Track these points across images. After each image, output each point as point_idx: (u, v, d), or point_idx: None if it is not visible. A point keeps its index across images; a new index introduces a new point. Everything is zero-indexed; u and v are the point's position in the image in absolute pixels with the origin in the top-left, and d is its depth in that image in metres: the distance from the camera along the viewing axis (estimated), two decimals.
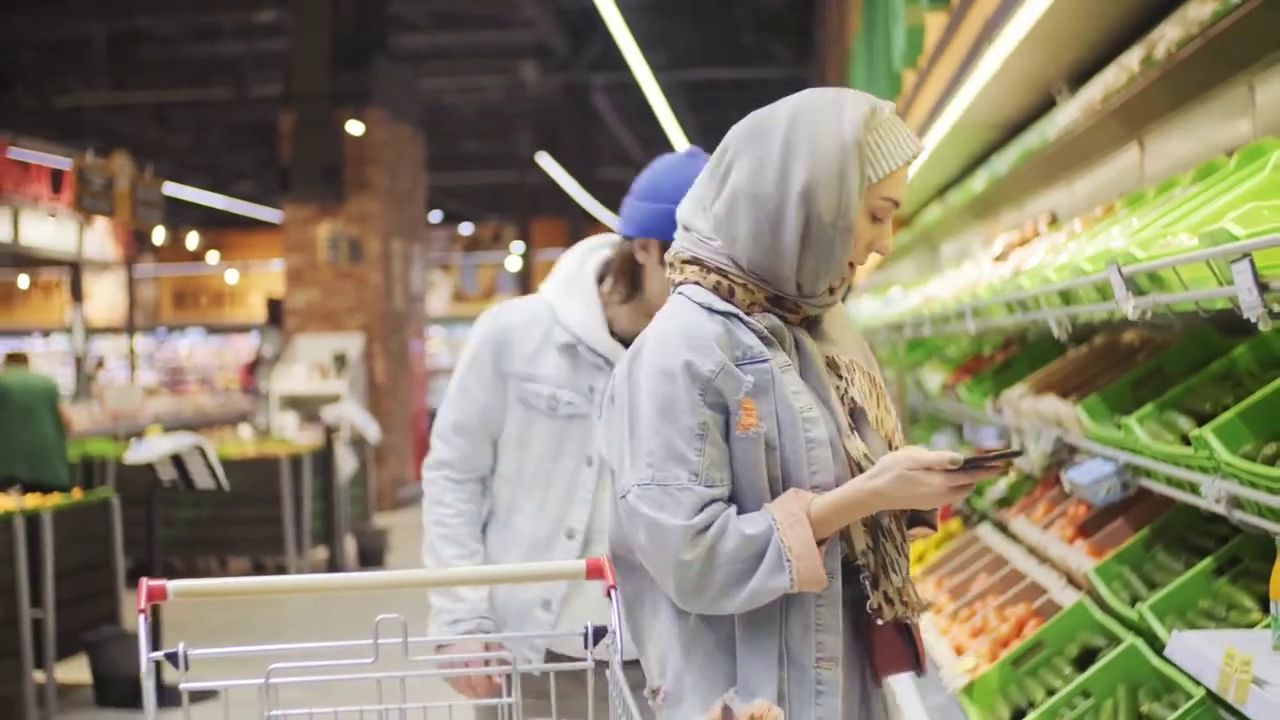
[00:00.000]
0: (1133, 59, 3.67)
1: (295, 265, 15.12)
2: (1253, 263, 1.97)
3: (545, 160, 21.64)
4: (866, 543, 2.04)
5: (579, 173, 23.30)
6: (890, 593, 2.04)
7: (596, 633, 1.93)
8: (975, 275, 4.95)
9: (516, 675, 1.94)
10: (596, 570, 1.98)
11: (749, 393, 1.96)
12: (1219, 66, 3.44)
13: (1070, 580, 3.78)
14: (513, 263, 31.28)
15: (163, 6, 16.96)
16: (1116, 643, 3.14)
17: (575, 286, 2.79)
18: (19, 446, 8.91)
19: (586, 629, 1.94)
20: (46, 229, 14.87)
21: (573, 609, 2.69)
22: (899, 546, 2.07)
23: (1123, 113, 4.10)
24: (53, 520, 6.33)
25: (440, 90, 20.57)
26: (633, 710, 1.74)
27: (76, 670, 6.71)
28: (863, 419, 2.07)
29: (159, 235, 19.12)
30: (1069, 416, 3.61)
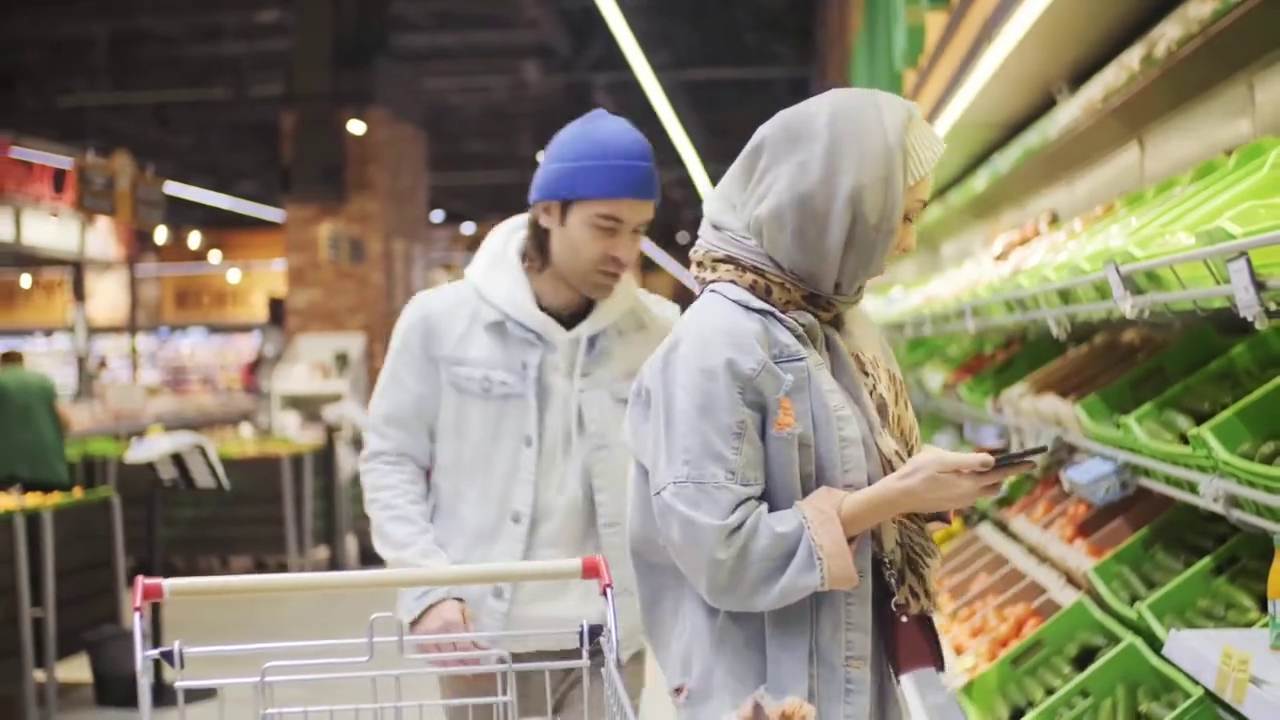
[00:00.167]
0: (1133, 58, 3.67)
1: (297, 265, 15.13)
2: (1249, 261, 1.97)
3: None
4: (896, 538, 2.05)
5: None
6: (916, 587, 2.06)
7: (592, 631, 1.93)
8: (976, 275, 4.95)
9: (512, 674, 1.94)
10: (592, 569, 1.98)
11: (788, 392, 1.97)
12: (1219, 65, 3.43)
13: (1070, 580, 3.78)
14: None
15: (164, 6, 16.96)
16: (1116, 642, 3.14)
17: (499, 264, 2.74)
18: (18, 446, 8.92)
19: (582, 627, 1.94)
20: (49, 228, 14.88)
21: (525, 591, 2.60)
22: (924, 541, 2.09)
23: (1123, 112, 4.09)
24: (53, 519, 6.33)
25: (442, 90, 20.56)
26: (627, 709, 1.74)
27: (77, 669, 6.71)
28: (885, 416, 2.08)
29: (161, 235, 19.13)
30: (1068, 416, 3.60)
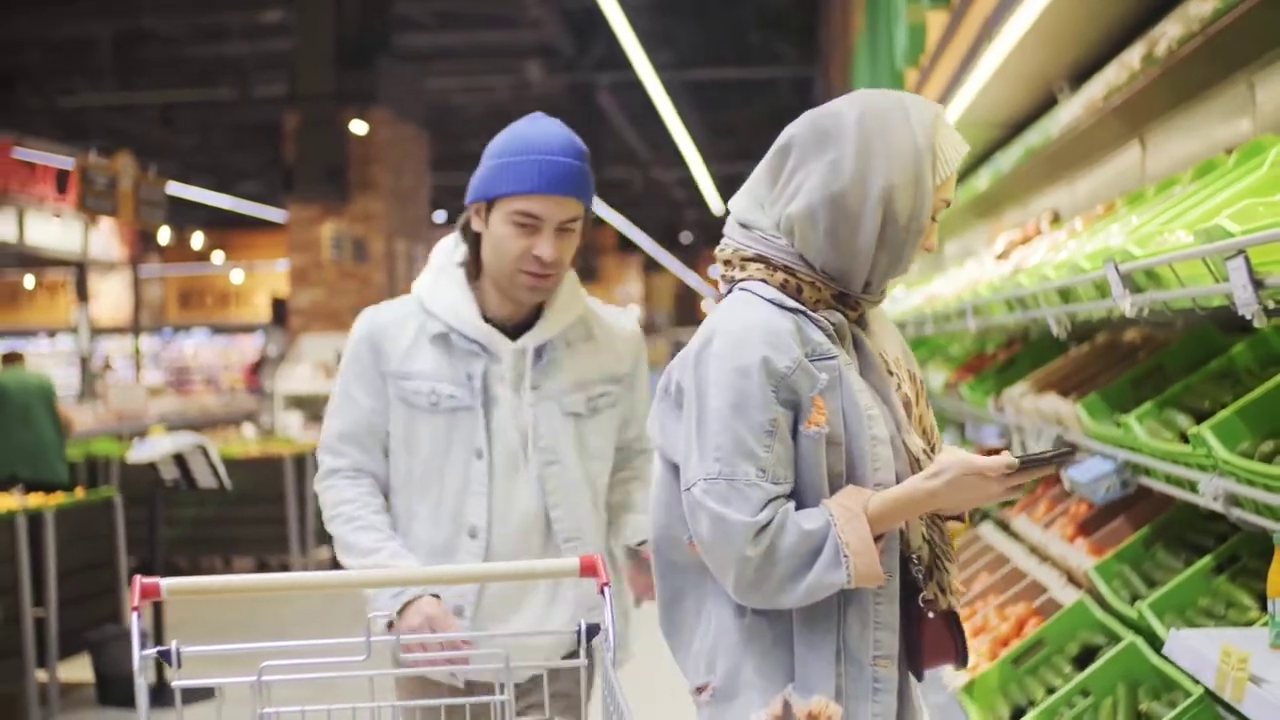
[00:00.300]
0: (1134, 56, 3.67)
1: (299, 265, 15.12)
2: (1248, 259, 1.97)
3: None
4: (922, 535, 2.07)
5: None
6: (943, 583, 2.08)
7: (589, 630, 1.93)
8: (977, 274, 4.95)
9: (509, 673, 1.93)
10: (590, 568, 1.98)
11: (821, 390, 1.98)
12: (1219, 64, 3.43)
13: (1071, 579, 3.78)
14: None
15: (166, 7, 16.97)
16: (1116, 641, 3.14)
17: (443, 274, 2.70)
18: (17, 446, 8.92)
19: (580, 627, 1.93)
20: (52, 229, 14.88)
21: (485, 609, 2.52)
22: (944, 537, 2.11)
23: (1124, 111, 4.09)
24: (55, 519, 6.33)
25: (445, 90, 20.57)
26: (623, 709, 1.74)
27: (79, 669, 6.70)
28: (910, 414, 2.10)
29: (164, 235, 19.14)
30: (1069, 415, 3.60)
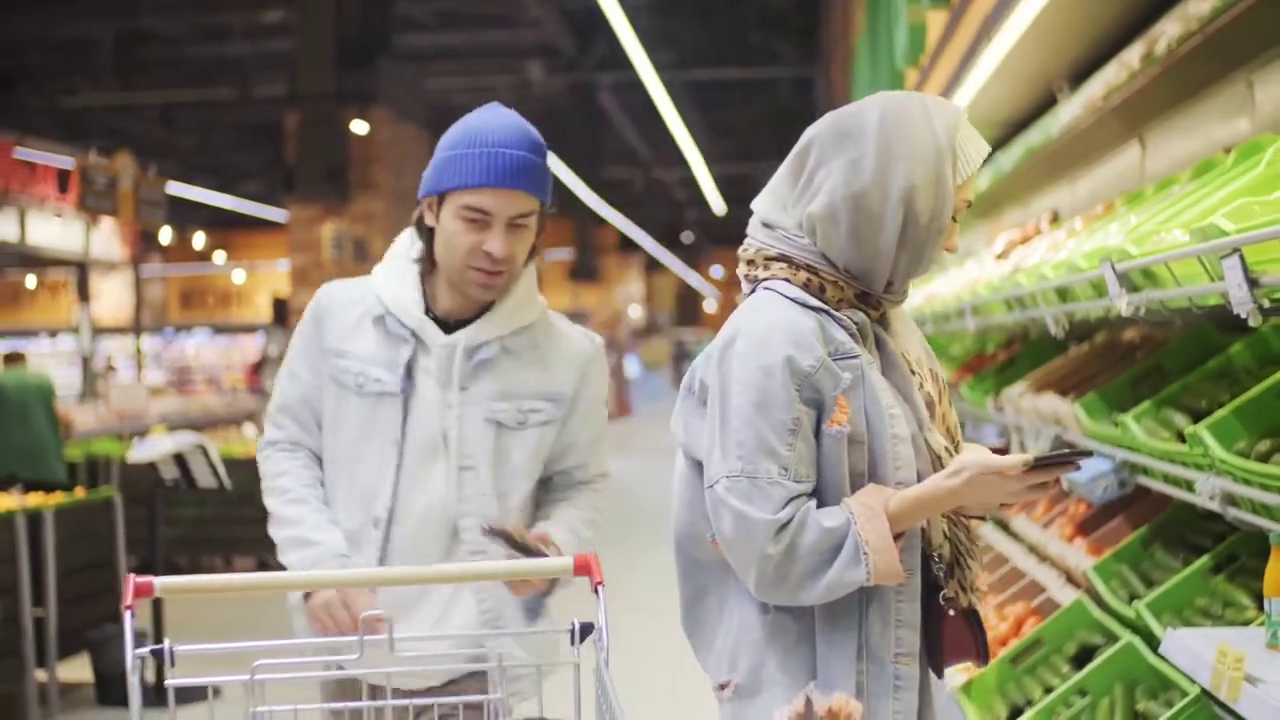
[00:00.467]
0: (1133, 55, 3.66)
1: (300, 265, 15.11)
2: (1243, 258, 1.96)
3: (550, 160, 21.61)
4: (944, 533, 2.08)
5: (585, 172, 23.29)
6: (964, 581, 2.09)
7: (583, 630, 1.92)
8: (976, 273, 4.95)
9: (501, 672, 1.93)
10: (583, 568, 1.98)
11: (844, 389, 1.99)
12: (1218, 63, 3.43)
13: (1069, 578, 3.77)
14: None
15: (168, 7, 16.97)
16: (1114, 641, 3.13)
17: (397, 262, 2.63)
18: (14, 445, 8.91)
19: (573, 626, 1.93)
20: (53, 229, 14.89)
21: (411, 624, 2.46)
22: (967, 539, 2.12)
23: (1124, 110, 4.09)
24: (55, 519, 6.32)
25: (446, 90, 20.57)
26: (616, 710, 1.73)
27: (78, 669, 6.69)
28: (933, 413, 2.10)
29: (165, 235, 19.14)
30: (1068, 414, 3.60)
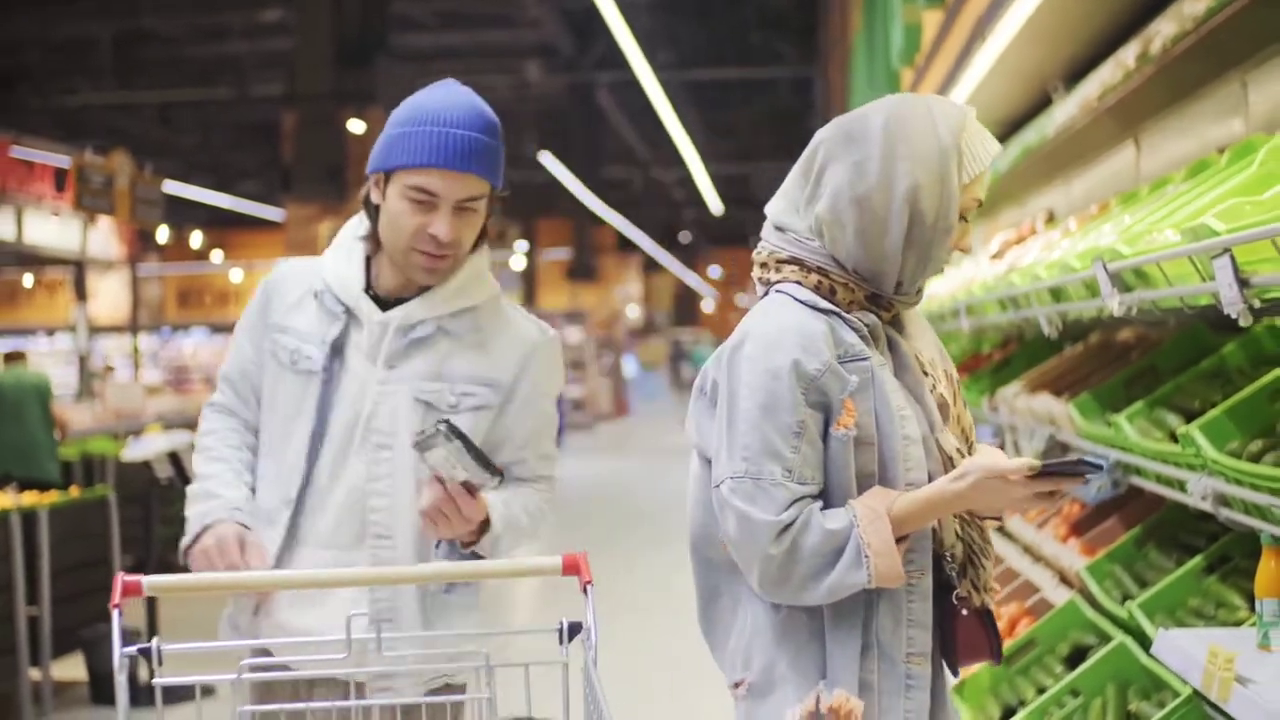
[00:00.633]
0: (1129, 55, 3.66)
1: None
2: (1233, 258, 1.96)
3: (548, 159, 21.64)
4: (956, 533, 2.08)
5: (584, 172, 23.30)
6: (977, 581, 2.10)
7: (571, 629, 1.92)
8: (971, 273, 4.94)
9: (490, 671, 1.92)
10: (572, 567, 1.98)
11: (851, 392, 2.00)
12: (1213, 63, 3.43)
13: (1063, 579, 3.77)
14: (517, 262, 31.26)
15: (167, 7, 16.98)
16: (1107, 641, 3.13)
17: (346, 239, 2.55)
18: (8, 444, 8.90)
19: (561, 625, 1.93)
20: (50, 228, 14.83)
21: (274, 597, 2.38)
22: (981, 539, 2.12)
23: (1119, 110, 4.08)
24: (49, 518, 6.31)
25: None
26: (603, 710, 1.73)
27: (72, 668, 6.68)
28: (945, 414, 2.11)
29: (163, 234, 19.14)
30: (1061, 414, 3.59)
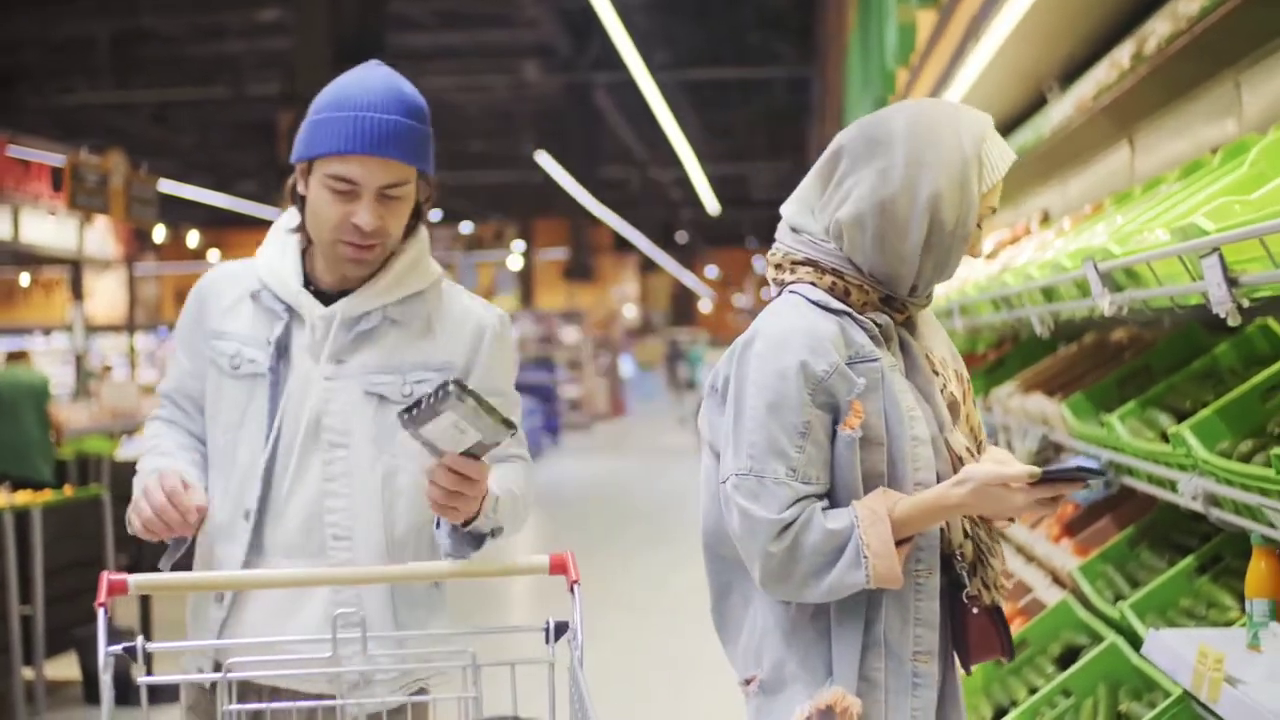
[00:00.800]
0: (1123, 55, 3.66)
1: None
2: (1222, 257, 1.96)
3: (544, 159, 21.63)
4: (965, 532, 2.10)
5: (581, 172, 23.29)
6: (987, 579, 2.11)
7: (558, 628, 1.92)
8: (965, 273, 4.94)
9: (477, 670, 1.92)
10: (559, 566, 1.98)
11: (859, 395, 2.01)
12: (1207, 63, 3.42)
13: (1056, 579, 3.76)
14: (514, 261, 31.26)
15: (165, 6, 16.96)
16: (1099, 641, 3.13)
17: (278, 234, 2.46)
18: (2, 442, 8.89)
19: (548, 624, 1.92)
20: (47, 227, 14.82)
21: (243, 608, 2.27)
22: (991, 533, 2.14)
23: (1114, 110, 4.08)
24: (42, 517, 6.31)
25: (442, 89, 20.56)
26: (589, 709, 1.72)
27: (66, 667, 6.69)
28: (956, 413, 2.13)
29: (160, 234, 19.14)
30: (1054, 414, 3.59)
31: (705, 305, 45.94)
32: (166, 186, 13.37)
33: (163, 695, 2.40)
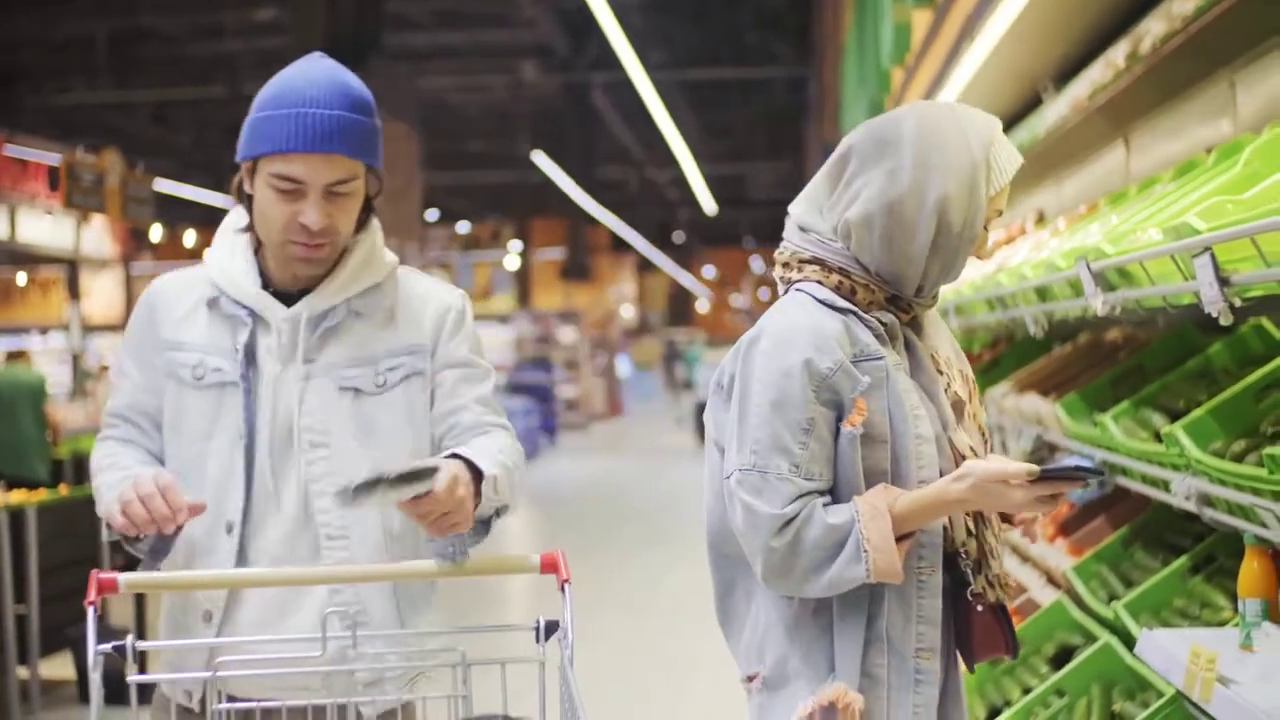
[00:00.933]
0: (1119, 54, 3.66)
1: None
2: (1214, 257, 1.95)
3: (541, 159, 21.63)
4: (968, 530, 2.11)
5: (579, 172, 23.28)
6: (991, 577, 2.13)
7: (548, 627, 1.91)
8: (963, 273, 4.93)
9: (467, 669, 1.91)
10: (550, 565, 1.97)
11: (863, 392, 2.03)
12: (1202, 63, 3.42)
13: (1050, 579, 3.76)
14: (511, 261, 31.24)
15: (163, 6, 16.96)
16: (1093, 641, 3.12)
17: (226, 237, 2.37)
18: None
19: (538, 623, 1.92)
20: (44, 226, 14.81)
21: (242, 621, 2.21)
22: (996, 533, 2.16)
23: (1109, 110, 4.08)
24: (38, 516, 6.30)
25: (440, 89, 20.55)
26: (578, 709, 1.72)
27: (60, 667, 6.68)
28: (960, 412, 2.15)
29: (156, 233, 19.12)
30: (1048, 414, 3.59)
31: (703, 305, 45.94)
32: (163, 186, 13.35)
33: (134, 694, 2.38)
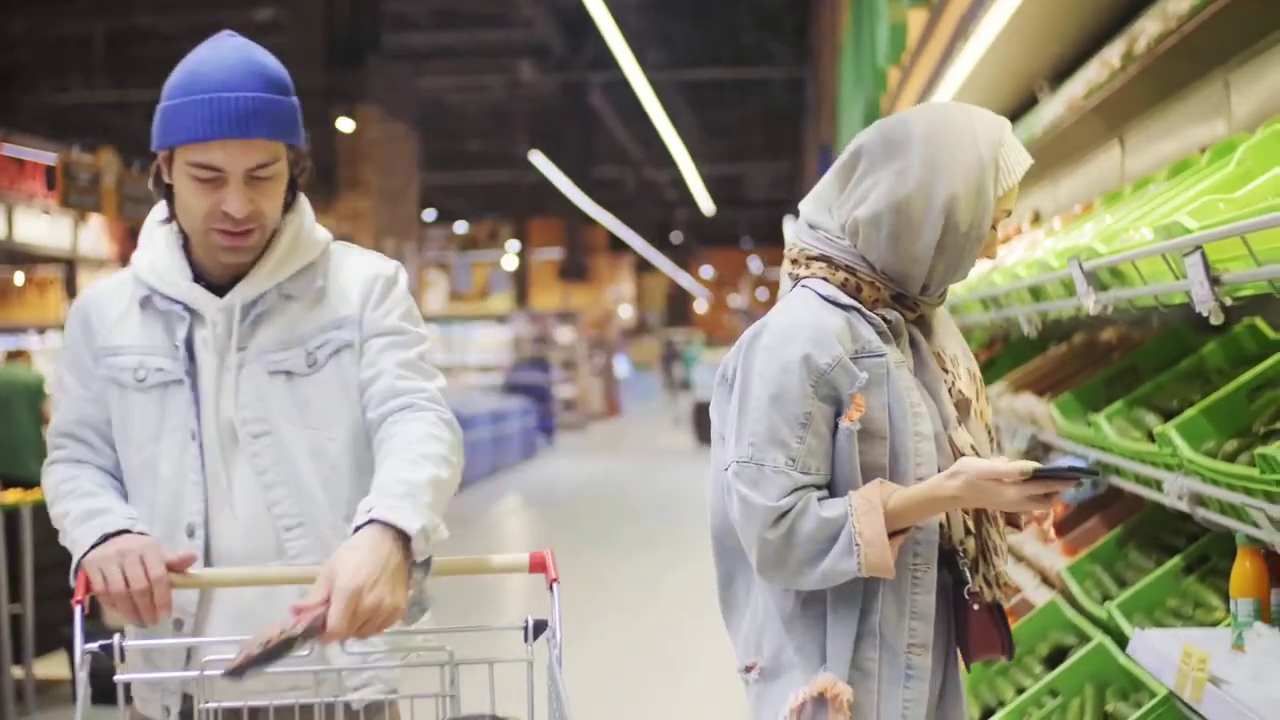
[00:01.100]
0: (1114, 54, 3.66)
1: None
2: (1204, 255, 1.95)
3: (539, 159, 21.63)
4: (967, 528, 2.12)
5: (576, 172, 23.29)
6: (989, 576, 2.13)
7: (537, 627, 1.91)
8: None
9: (455, 668, 1.91)
10: (539, 564, 1.97)
11: (861, 388, 2.04)
12: (1196, 63, 3.42)
13: (1044, 579, 3.76)
14: (509, 261, 31.24)
15: (161, 5, 16.95)
16: (1087, 641, 3.12)
17: (150, 233, 2.28)
18: None
19: (527, 623, 1.91)
20: (41, 226, 14.80)
21: (207, 631, 2.15)
22: (1000, 532, 2.17)
23: (1104, 110, 4.08)
24: (32, 515, 6.29)
25: (437, 89, 20.55)
26: (565, 708, 1.72)
27: (55, 666, 6.68)
28: (967, 410, 2.16)
29: None
30: (1043, 414, 3.58)
31: (701, 305, 45.96)
32: None
33: (123, 693, 2.36)
